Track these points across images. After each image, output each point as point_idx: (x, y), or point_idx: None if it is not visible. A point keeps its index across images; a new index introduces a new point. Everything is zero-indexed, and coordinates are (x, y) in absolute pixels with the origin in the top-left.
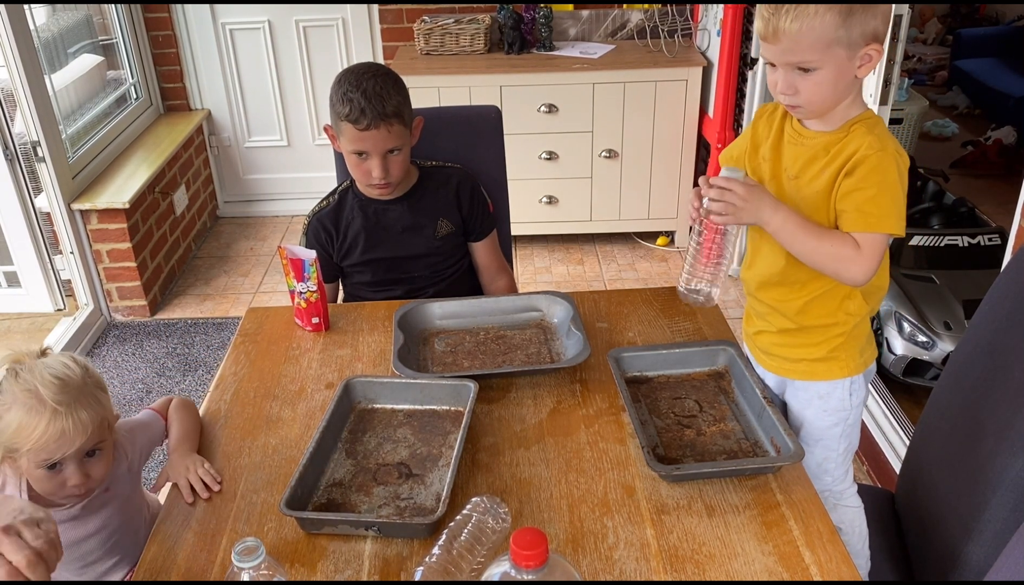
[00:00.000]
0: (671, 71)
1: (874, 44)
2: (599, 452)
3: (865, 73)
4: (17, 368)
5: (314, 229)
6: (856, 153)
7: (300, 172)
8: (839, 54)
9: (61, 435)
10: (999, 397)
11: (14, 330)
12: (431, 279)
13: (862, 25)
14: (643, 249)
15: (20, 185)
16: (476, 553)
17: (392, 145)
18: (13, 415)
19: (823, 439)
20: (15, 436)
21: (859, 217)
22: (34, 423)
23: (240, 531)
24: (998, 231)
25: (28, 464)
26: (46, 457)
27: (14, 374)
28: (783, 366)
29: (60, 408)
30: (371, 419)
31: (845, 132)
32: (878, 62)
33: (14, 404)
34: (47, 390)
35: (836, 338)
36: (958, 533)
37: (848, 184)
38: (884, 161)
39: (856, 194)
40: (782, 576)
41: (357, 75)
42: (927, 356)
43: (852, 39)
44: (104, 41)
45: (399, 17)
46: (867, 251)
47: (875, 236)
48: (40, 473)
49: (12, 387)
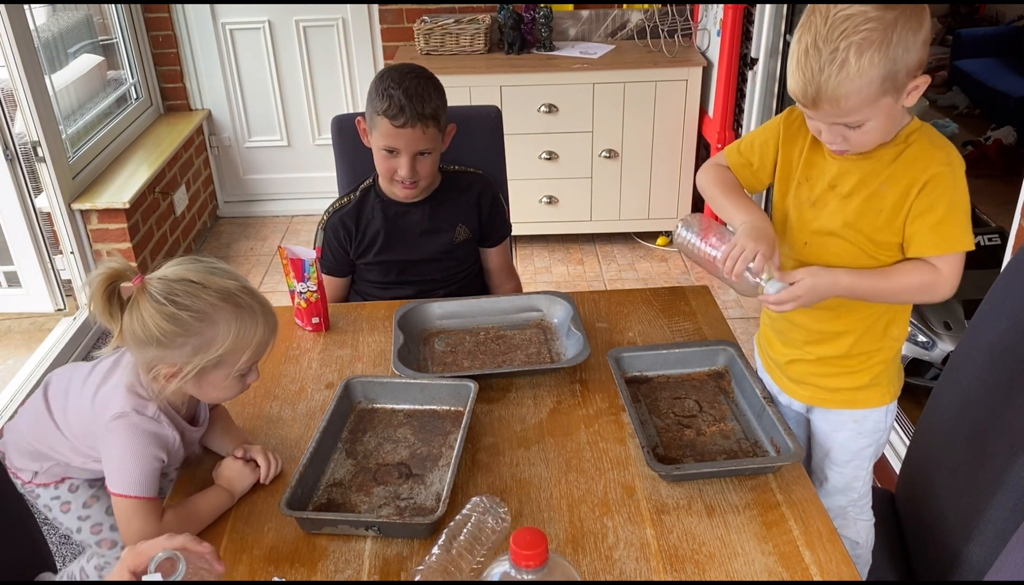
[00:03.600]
0: (671, 71)
1: (920, 75)
2: (599, 452)
3: (913, 101)
4: (166, 284)
5: (333, 225)
6: (926, 170)
7: (300, 172)
8: (887, 103)
9: (275, 331)
10: (999, 397)
11: (14, 330)
12: (443, 282)
13: (906, 67)
14: (643, 249)
15: (20, 185)
16: (476, 553)
17: (424, 147)
18: (221, 324)
19: (854, 460)
20: (233, 346)
21: (937, 239)
22: (249, 326)
23: (240, 531)
24: (998, 231)
25: (223, 373)
26: (256, 358)
27: (183, 283)
28: (818, 395)
29: (257, 304)
30: (371, 419)
31: (904, 143)
32: (926, 87)
33: (215, 312)
34: (237, 290)
35: (879, 365)
36: (958, 533)
37: (921, 205)
38: (954, 176)
39: (928, 215)
40: (782, 576)
41: (401, 73)
42: (927, 356)
43: (899, 84)
44: (104, 41)
45: (399, 17)
46: (948, 272)
47: (954, 256)
48: (230, 381)
49: (191, 299)
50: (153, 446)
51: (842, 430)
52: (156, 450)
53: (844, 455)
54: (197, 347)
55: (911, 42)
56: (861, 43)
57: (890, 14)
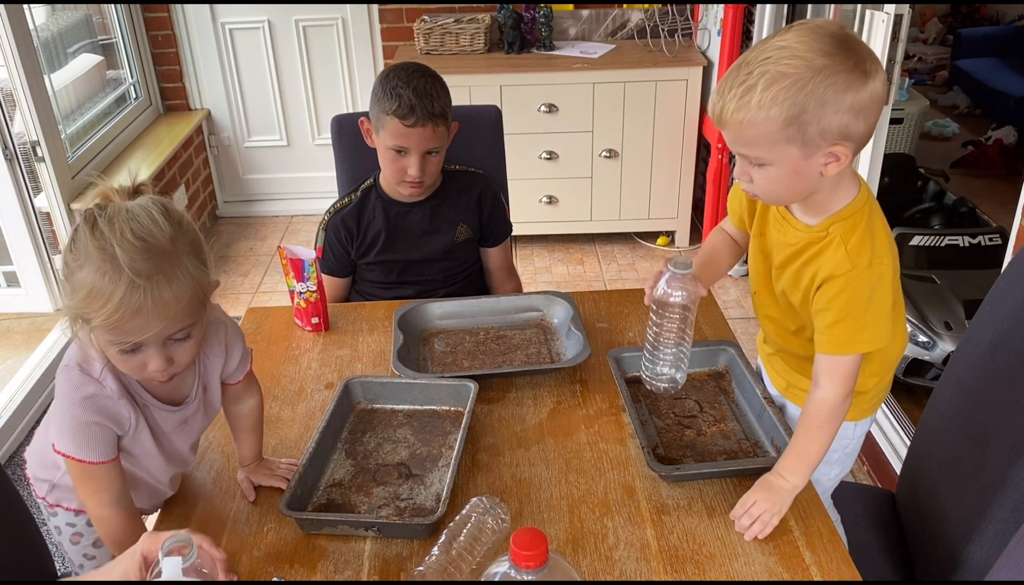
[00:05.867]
0: (671, 71)
1: (841, 144)
2: (599, 452)
3: (833, 171)
4: (98, 213)
5: (334, 226)
6: (824, 269)
7: (300, 172)
8: (791, 153)
9: (136, 313)
10: (1000, 397)
11: (13, 330)
12: (443, 282)
13: (819, 123)
14: (643, 249)
15: (20, 185)
16: (476, 553)
17: (433, 145)
18: (84, 275)
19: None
20: (85, 302)
21: (827, 340)
22: (107, 292)
23: (240, 531)
24: (999, 231)
25: (102, 340)
26: (121, 337)
27: (91, 223)
28: (790, 390)
29: (138, 280)
30: (371, 419)
31: (824, 232)
32: (849, 162)
33: (87, 262)
34: (125, 253)
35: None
36: (959, 533)
37: (817, 302)
38: (852, 282)
39: (824, 315)
40: (782, 576)
41: (407, 72)
42: (928, 356)
43: (808, 138)
44: (104, 41)
45: (399, 17)
46: (836, 372)
47: (844, 358)
48: (115, 352)
49: (87, 240)
50: (92, 413)
51: None
52: (97, 417)
53: None
54: (70, 289)
55: (832, 100)
56: (775, 76)
57: (820, 61)
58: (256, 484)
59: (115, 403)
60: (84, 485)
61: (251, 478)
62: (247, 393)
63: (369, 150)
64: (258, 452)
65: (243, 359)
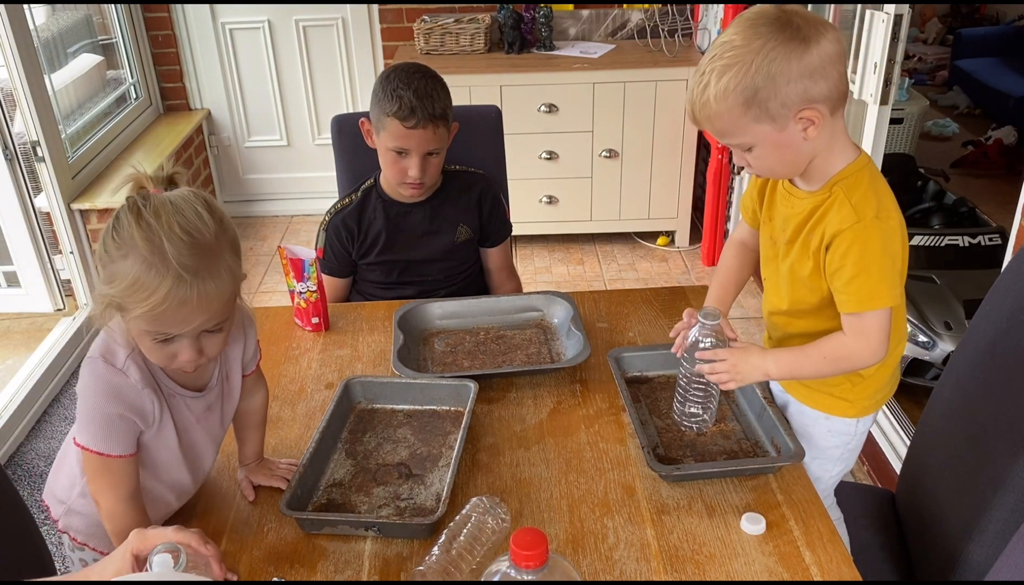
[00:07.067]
0: (671, 71)
1: (808, 107)
2: (599, 452)
3: (814, 135)
4: (141, 203)
5: (335, 226)
6: (832, 226)
7: (300, 172)
8: (765, 130)
9: (181, 306)
10: (1000, 397)
11: (14, 330)
12: (444, 282)
13: (777, 97)
14: (643, 249)
15: (20, 185)
16: (476, 553)
17: (434, 146)
18: (129, 265)
19: (819, 458)
20: (127, 292)
21: (849, 298)
22: (153, 284)
23: (240, 531)
24: (998, 231)
25: (136, 328)
26: (160, 328)
27: (136, 212)
28: (792, 385)
29: (186, 275)
30: (371, 419)
31: (827, 193)
32: (823, 122)
33: (132, 252)
34: (173, 247)
35: (843, 383)
36: (959, 533)
37: (831, 262)
38: (864, 233)
39: (840, 273)
40: (782, 576)
41: (408, 73)
42: (928, 356)
43: (773, 113)
44: (104, 41)
45: (399, 17)
46: (867, 331)
47: (870, 315)
48: (148, 341)
49: (132, 229)
50: (115, 403)
51: (814, 426)
52: (120, 409)
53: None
54: (107, 277)
55: (779, 72)
56: (722, 68)
57: (757, 43)
58: (256, 484)
59: (139, 394)
60: (101, 478)
61: (251, 478)
62: (255, 388)
63: (369, 150)
64: (260, 451)
65: (256, 348)
